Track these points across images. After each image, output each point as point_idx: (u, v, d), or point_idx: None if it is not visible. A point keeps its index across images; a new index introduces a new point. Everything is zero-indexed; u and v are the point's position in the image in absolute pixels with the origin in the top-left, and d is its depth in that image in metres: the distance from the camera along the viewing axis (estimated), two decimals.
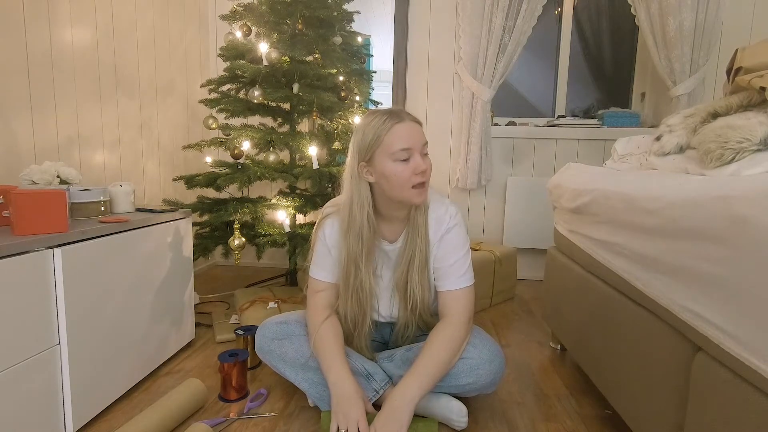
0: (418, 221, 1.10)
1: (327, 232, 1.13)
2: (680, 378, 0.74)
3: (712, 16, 2.10)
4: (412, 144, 1.00)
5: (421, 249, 1.10)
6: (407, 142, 1.00)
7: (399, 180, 1.01)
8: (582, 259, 1.24)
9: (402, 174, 1.00)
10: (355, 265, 1.09)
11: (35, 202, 0.94)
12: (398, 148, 1.00)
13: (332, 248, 1.13)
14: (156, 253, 1.29)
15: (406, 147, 1.00)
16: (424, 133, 1.05)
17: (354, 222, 1.07)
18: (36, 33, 1.40)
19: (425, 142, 1.03)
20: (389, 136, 1.00)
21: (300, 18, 1.78)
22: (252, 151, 1.82)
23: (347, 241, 1.08)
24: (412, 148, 1.00)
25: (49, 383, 0.95)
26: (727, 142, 0.80)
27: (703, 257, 0.66)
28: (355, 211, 1.07)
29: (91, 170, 1.67)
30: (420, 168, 1.00)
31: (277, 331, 1.16)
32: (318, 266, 1.16)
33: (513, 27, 2.22)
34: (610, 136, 2.36)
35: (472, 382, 1.07)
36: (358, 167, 1.05)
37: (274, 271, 2.48)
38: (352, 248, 1.08)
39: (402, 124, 1.01)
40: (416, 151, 1.01)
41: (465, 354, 1.08)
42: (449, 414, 1.08)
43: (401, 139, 1.00)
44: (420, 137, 1.02)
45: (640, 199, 0.87)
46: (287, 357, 1.13)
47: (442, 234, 1.11)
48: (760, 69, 0.98)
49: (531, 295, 2.23)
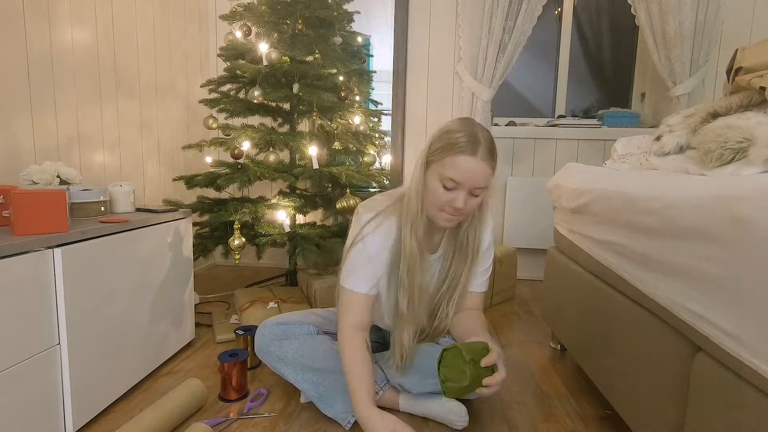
0: (468, 238, 1.07)
1: (368, 238, 1.04)
2: (680, 378, 0.74)
3: (712, 16, 2.10)
4: (464, 181, 0.94)
5: (468, 269, 1.08)
6: (460, 177, 0.94)
7: (434, 198, 0.98)
8: (582, 259, 1.24)
9: (439, 197, 0.97)
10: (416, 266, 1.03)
11: (35, 202, 0.94)
12: (449, 176, 0.94)
13: (374, 256, 1.04)
14: (156, 253, 1.29)
15: (457, 181, 0.94)
16: (490, 175, 0.96)
17: (417, 218, 1.01)
18: (36, 33, 1.40)
19: (482, 186, 0.96)
20: (450, 160, 0.94)
21: (300, 18, 1.78)
22: (252, 151, 1.82)
23: (407, 241, 1.02)
24: (462, 183, 0.95)
25: (49, 383, 0.95)
26: (727, 142, 0.80)
27: (703, 257, 0.66)
28: (418, 207, 1.01)
29: (91, 170, 1.67)
30: (455, 204, 0.95)
31: (277, 332, 1.15)
32: (354, 276, 1.05)
33: (513, 27, 2.22)
34: (610, 136, 2.36)
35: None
36: (425, 159, 1.00)
37: (274, 271, 2.48)
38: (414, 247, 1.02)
39: (468, 158, 0.93)
40: (464, 189, 0.95)
41: None
42: (449, 414, 1.08)
43: (457, 171, 0.94)
44: (477, 180, 0.94)
45: (640, 199, 0.87)
46: (287, 357, 1.13)
47: (489, 243, 1.14)
48: (760, 69, 0.98)
49: (531, 295, 2.23)
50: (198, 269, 2.50)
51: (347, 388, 1.04)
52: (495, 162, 0.97)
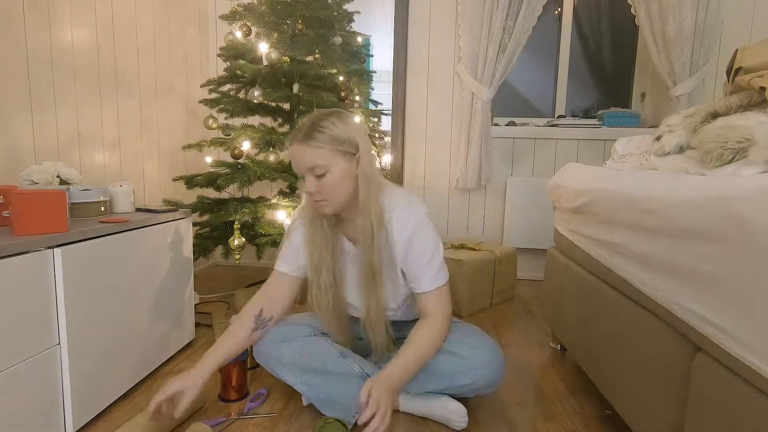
0: (365, 227, 1.06)
1: (293, 231, 1.16)
2: (680, 378, 0.74)
3: (712, 16, 2.10)
4: (297, 167, 1.03)
5: (379, 254, 1.06)
6: (295, 165, 1.04)
7: (303, 196, 1.08)
8: (582, 259, 1.24)
9: (305, 189, 1.04)
10: (323, 262, 1.11)
11: (35, 202, 0.94)
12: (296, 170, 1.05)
13: (299, 247, 1.14)
14: (156, 253, 1.29)
15: (296, 168, 1.04)
16: (311, 153, 0.99)
17: (316, 217, 1.10)
18: (36, 33, 1.40)
19: (311, 166, 1.00)
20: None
21: (300, 18, 1.78)
22: (252, 151, 1.82)
23: (314, 237, 1.11)
24: (298, 169, 1.03)
25: (49, 383, 0.95)
26: (727, 142, 0.80)
27: (703, 257, 0.66)
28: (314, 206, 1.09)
29: (91, 170, 1.67)
30: (308, 189, 1.02)
31: (275, 335, 1.16)
32: (281, 259, 1.17)
33: (513, 27, 2.22)
34: (610, 136, 2.36)
35: (470, 383, 1.08)
36: None
37: None
38: (319, 244, 1.10)
39: (291, 147, 1.02)
40: (305, 174, 1.02)
41: (463, 354, 1.08)
42: (449, 415, 1.08)
43: (293, 160, 1.03)
44: (301, 161, 1.00)
45: (640, 199, 0.87)
46: (284, 360, 1.13)
47: (408, 236, 1.06)
48: (760, 69, 0.98)
49: (531, 295, 2.23)
50: (198, 269, 2.50)
51: (347, 390, 1.06)
52: (313, 140, 0.99)
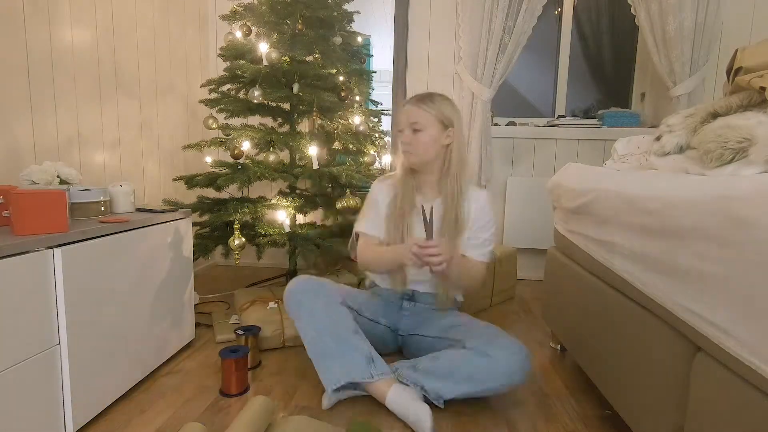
0: (450, 189, 1.28)
1: (375, 190, 1.39)
2: (680, 378, 0.74)
3: (712, 16, 2.10)
4: (399, 122, 1.30)
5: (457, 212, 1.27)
6: (398, 120, 1.31)
7: (399, 144, 1.30)
8: (582, 259, 1.24)
9: (399, 139, 1.29)
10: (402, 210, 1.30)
11: (35, 202, 0.94)
12: (396, 127, 1.32)
13: (380, 205, 1.35)
14: (156, 253, 1.29)
15: (399, 124, 1.29)
16: (417, 113, 1.25)
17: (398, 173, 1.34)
18: (36, 33, 1.40)
19: (413, 122, 1.25)
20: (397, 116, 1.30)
21: (300, 18, 1.77)
22: (252, 151, 1.82)
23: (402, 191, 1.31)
24: (400, 124, 1.29)
25: (49, 383, 0.95)
26: (727, 142, 0.80)
27: (703, 257, 0.66)
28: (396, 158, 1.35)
29: (91, 170, 1.67)
30: (403, 139, 1.27)
31: (312, 286, 1.23)
32: (366, 221, 1.37)
33: (513, 27, 2.22)
34: (610, 136, 2.36)
35: (502, 384, 1.11)
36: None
37: (274, 271, 2.48)
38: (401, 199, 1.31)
39: (402, 108, 1.31)
40: (405, 128, 1.27)
41: (494, 357, 1.10)
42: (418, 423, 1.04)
43: (397, 118, 1.32)
44: (407, 117, 1.26)
45: (640, 199, 0.87)
46: (316, 312, 1.18)
47: (480, 207, 1.31)
48: (760, 69, 0.98)
49: (531, 295, 2.23)
50: (198, 269, 2.50)
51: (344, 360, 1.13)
52: (423, 103, 1.26)
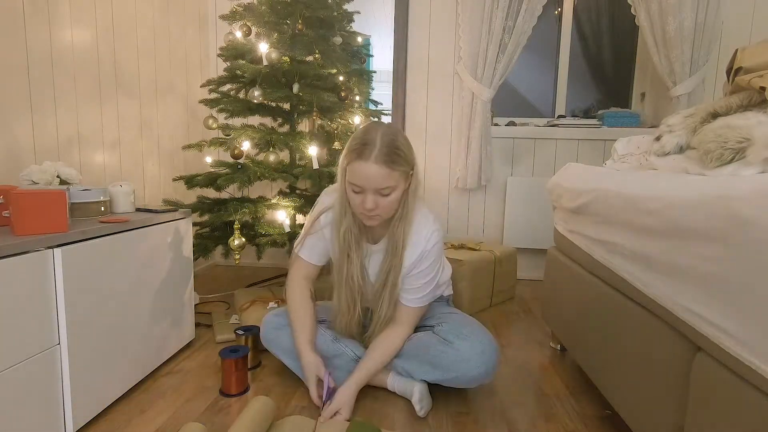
0: (398, 235, 1.12)
1: (323, 223, 1.20)
2: (680, 378, 0.74)
3: (712, 16, 2.10)
4: (364, 185, 1.02)
5: (396, 264, 1.14)
6: (360, 181, 1.02)
7: (351, 201, 1.09)
8: (582, 259, 1.24)
9: (353, 199, 1.07)
10: (348, 258, 1.16)
11: (35, 202, 0.94)
12: (351, 181, 1.04)
13: (327, 240, 1.21)
14: (156, 253, 1.29)
15: (359, 185, 1.03)
16: (389, 176, 1.01)
17: (344, 217, 1.13)
18: (36, 33, 1.40)
19: (383, 187, 1.02)
20: (350, 167, 1.04)
21: (300, 18, 1.77)
22: (252, 151, 1.82)
23: (338, 234, 1.15)
24: (363, 187, 1.02)
25: (49, 383, 0.95)
26: (727, 142, 0.80)
27: (703, 257, 0.66)
28: (345, 206, 1.12)
29: (91, 170, 1.67)
30: (365, 205, 1.03)
31: (276, 322, 1.28)
32: (305, 244, 1.24)
33: (513, 27, 2.22)
34: (610, 136, 2.36)
35: (464, 373, 1.13)
36: (343, 165, 1.09)
37: (274, 271, 2.48)
38: (343, 242, 1.14)
39: (363, 163, 1.00)
40: (369, 192, 1.03)
41: (457, 345, 1.13)
42: (416, 402, 1.13)
43: (355, 176, 1.03)
44: (376, 181, 1.00)
45: (640, 199, 0.87)
46: (283, 346, 1.25)
47: (420, 255, 1.14)
48: (760, 69, 0.98)
49: (531, 295, 2.23)
50: (198, 269, 2.50)
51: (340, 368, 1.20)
52: (394, 163, 1.01)
